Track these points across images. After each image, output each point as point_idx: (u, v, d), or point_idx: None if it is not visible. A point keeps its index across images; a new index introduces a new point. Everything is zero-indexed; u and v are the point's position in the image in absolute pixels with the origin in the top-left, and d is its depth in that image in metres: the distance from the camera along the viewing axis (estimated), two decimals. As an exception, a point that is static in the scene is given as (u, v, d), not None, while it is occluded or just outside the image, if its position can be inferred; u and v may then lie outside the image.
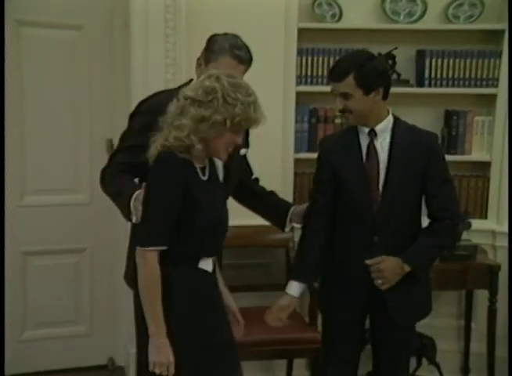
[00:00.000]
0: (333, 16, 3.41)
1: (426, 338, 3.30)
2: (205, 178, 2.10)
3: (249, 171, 2.67)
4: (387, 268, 2.32)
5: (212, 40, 2.39)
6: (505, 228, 3.40)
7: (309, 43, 3.36)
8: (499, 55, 3.36)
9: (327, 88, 3.31)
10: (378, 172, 2.35)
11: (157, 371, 2.03)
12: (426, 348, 3.32)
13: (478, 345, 3.39)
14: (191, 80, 2.38)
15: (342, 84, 2.29)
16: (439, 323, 2.52)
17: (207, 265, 2.12)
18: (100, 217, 3.39)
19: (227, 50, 2.33)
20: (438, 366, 3.36)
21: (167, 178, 2.00)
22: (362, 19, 3.44)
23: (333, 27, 3.40)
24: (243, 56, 2.35)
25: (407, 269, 2.34)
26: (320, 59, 3.36)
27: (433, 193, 2.37)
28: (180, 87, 2.36)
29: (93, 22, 3.31)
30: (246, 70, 2.39)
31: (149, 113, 2.25)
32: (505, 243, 3.38)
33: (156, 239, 2.01)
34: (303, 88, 3.35)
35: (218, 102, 1.96)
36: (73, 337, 3.53)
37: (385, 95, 2.36)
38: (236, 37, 2.40)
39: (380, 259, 2.33)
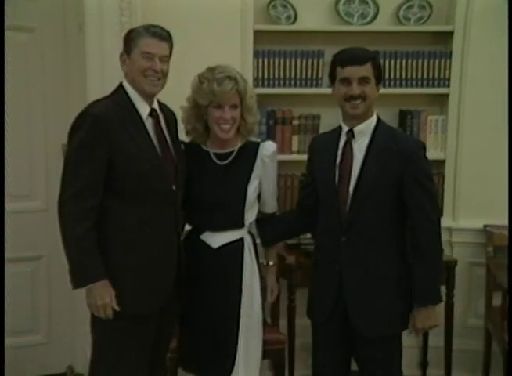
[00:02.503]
0: (288, 17, 3.44)
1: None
2: None
3: None
4: (422, 322, 2.35)
5: (127, 33, 2.36)
6: (460, 224, 3.49)
7: (265, 45, 3.38)
8: (449, 55, 3.44)
9: (284, 90, 3.40)
10: (350, 174, 2.33)
11: None
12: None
13: (436, 339, 3.45)
14: (121, 83, 2.36)
15: (363, 68, 2.31)
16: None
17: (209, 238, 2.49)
18: (57, 224, 3.27)
19: (143, 32, 2.31)
20: (397, 362, 3.41)
21: None
22: (316, 21, 3.48)
23: (289, 28, 3.44)
24: (161, 33, 2.33)
25: (432, 307, 2.34)
26: (276, 61, 3.37)
27: (406, 199, 2.32)
28: (113, 93, 2.35)
29: (46, 24, 3.25)
30: (171, 49, 2.37)
31: (96, 123, 2.22)
32: (460, 239, 3.48)
33: None
34: (260, 90, 3.31)
35: None
36: (30, 346, 3.46)
37: None
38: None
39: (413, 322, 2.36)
